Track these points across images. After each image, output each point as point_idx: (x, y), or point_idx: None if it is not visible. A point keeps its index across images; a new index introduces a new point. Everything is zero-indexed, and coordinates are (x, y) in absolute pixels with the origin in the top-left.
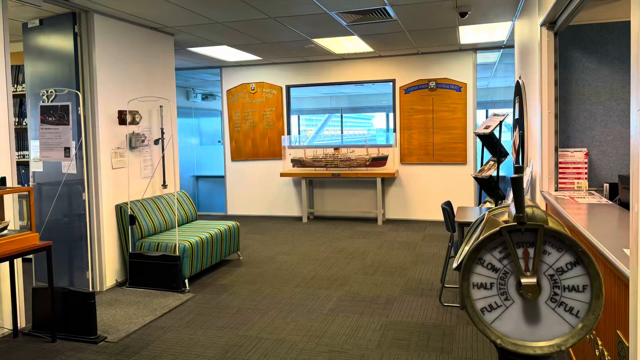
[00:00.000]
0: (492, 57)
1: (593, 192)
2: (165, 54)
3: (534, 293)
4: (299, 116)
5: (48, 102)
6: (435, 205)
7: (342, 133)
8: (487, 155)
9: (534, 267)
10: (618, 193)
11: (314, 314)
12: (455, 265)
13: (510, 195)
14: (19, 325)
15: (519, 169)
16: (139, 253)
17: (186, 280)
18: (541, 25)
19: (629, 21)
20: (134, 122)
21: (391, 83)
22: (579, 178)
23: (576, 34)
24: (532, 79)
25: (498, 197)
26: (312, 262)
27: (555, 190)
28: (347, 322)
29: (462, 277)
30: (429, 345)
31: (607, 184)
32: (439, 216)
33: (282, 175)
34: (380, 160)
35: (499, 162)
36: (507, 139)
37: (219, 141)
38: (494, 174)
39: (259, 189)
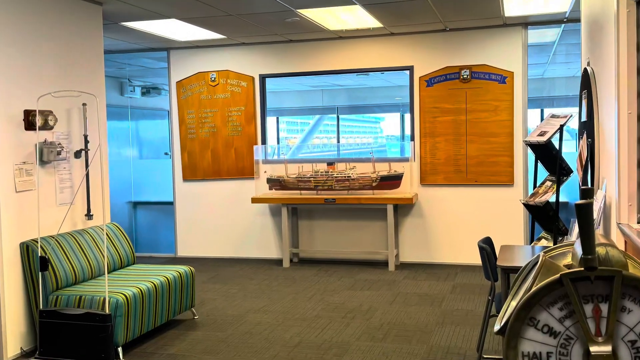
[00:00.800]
0: (550, 35)
1: None
2: (90, 31)
3: None
4: (278, 118)
5: None
6: (468, 244)
7: (338, 142)
8: (543, 172)
9: (609, 330)
10: None
11: None
12: (497, 327)
13: (575, 230)
14: None
15: (587, 193)
16: (54, 311)
17: (120, 349)
18: None
19: None
20: (46, 126)
21: (407, 72)
22: None
23: None
24: (606, 66)
25: (558, 232)
26: (297, 324)
27: (638, 223)
28: None
29: (508, 345)
30: None
31: None
32: (475, 259)
33: (254, 201)
34: (392, 180)
35: (559, 182)
36: (571, 150)
37: (166, 153)
38: (552, 199)
39: (223, 221)
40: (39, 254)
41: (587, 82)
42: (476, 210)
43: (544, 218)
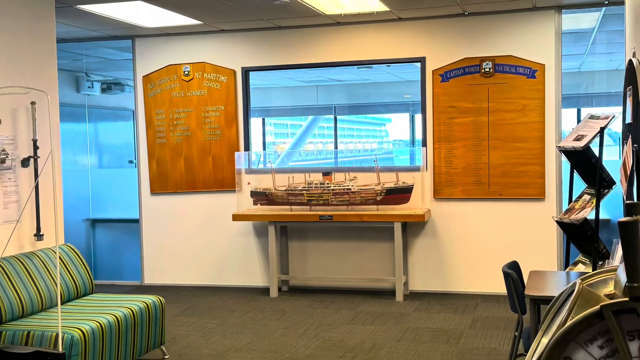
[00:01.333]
0: (588, 20)
1: None
2: (40, 15)
3: None
4: (264, 119)
5: None
6: (491, 269)
7: (336, 148)
8: (580, 184)
9: None
10: None
11: None
12: None
13: (619, 252)
14: None
15: (633, 208)
16: None
17: None
18: None
19: None
20: None
21: (419, 64)
22: None
23: None
24: None
25: (598, 255)
26: None
27: None
28: None
29: None
30: None
31: None
32: (499, 287)
33: (236, 218)
34: (401, 194)
35: (599, 196)
36: (613, 158)
37: (131, 161)
38: (591, 215)
39: (198, 242)
40: None
41: (632, 77)
42: (500, 230)
43: (581, 238)
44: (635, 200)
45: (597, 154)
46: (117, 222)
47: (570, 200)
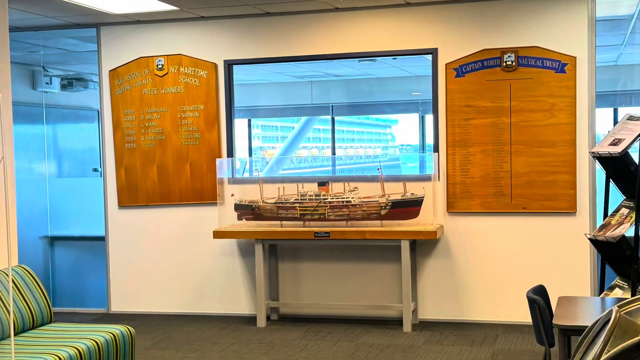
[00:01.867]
0: (626, 5)
1: None
2: None
3: None
4: (250, 121)
5: None
6: (514, 294)
7: (333, 154)
8: (617, 196)
9: None
10: None
11: None
12: None
13: None
14: None
15: None
16: None
17: None
18: None
19: None
20: None
21: (430, 56)
22: None
23: None
24: None
25: (637, 278)
26: None
27: None
28: None
29: None
30: None
31: None
32: (522, 315)
33: (217, 235)
34: (409, 207)
35: (639, 209)
36: None
37: (95, 169)
38: (630, 232)
39: (174, 263)
40: None
41: None
42: (524, 249)
43: (619, 259)
44: None
45: (636, 160)
46: (79, 240)
47: (605, 215)
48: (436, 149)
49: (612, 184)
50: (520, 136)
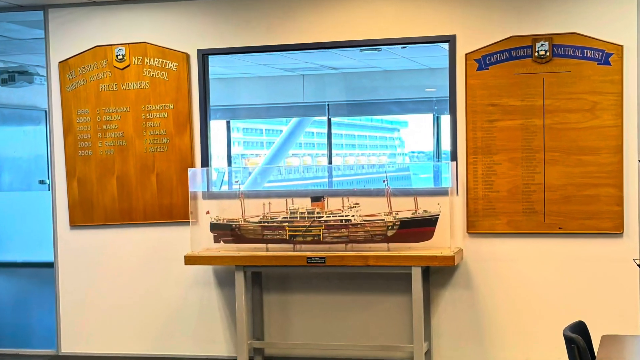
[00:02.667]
0: None
1: None
2: None
3: None
4: (229, 123)
5: None
6: (548, 332)
7: (330, 163)
8: None
9: None
10: None
11: None
12: None
13: None
14: None
15: None
16: None
17: None
18: None
19: None
20: None
21: (446, 45)
22: None
23: None
24: None
25: None
26: None
27: None
28: None
29: None
30: None
31: None
32: (558, 357)
33: (190, 261)
34: (421, 227)
35: None
36: None
37: (42, 182)
38: None
39: (137, 295)
40: None
41: None
42: (561, 277)
43: None
44: None
45: None
46: (22, 267)
47: None
48: (454, 156)
49: None
50: (556, 141)
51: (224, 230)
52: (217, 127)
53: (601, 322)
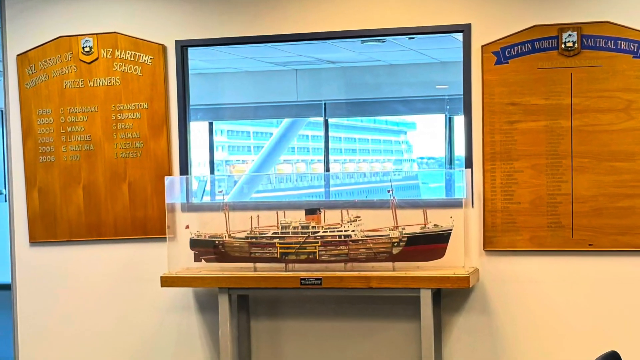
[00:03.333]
0: None
1: None
2: None
3: None
4: (211, 124)
5: None
6: None
7: (327, 170)
8: None
9: None
10: None
11: None
12: None
13: None
14: None
15: None
16: None
17: None
18: None
19: None
20: None
21: (459, 36)
22: None
23: None
24: None
25: None
26: None
27: None
28: None
29: None
30: None
31: None
32: None
33: (167, 283)
34: (431, 244)
35: None
36: None
37: None
38: None
39: (106, 322)
40: None
41: None
42: (591, 301)
43: None
44: None
45: None
46: None
47: None
48: (469, 163)
49: None
50: (585, 146)
51: (205, 248)
52: (198, 130)
53: (637, 352)
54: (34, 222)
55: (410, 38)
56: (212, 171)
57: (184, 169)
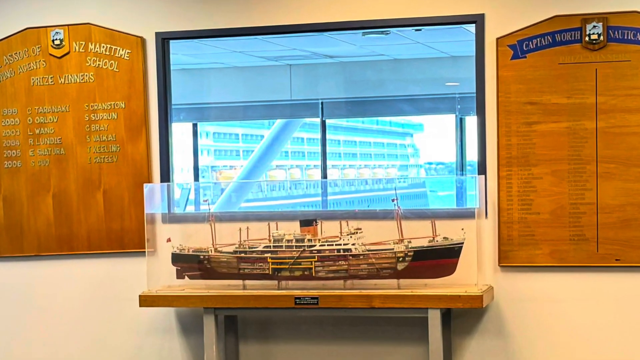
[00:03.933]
0: None
1: None
2: None
3: None
4: (196, 126)
5: None
6: None
7: (324, 176)
8: None
9: None
10: None
11: None
12: None
13: None
14: None
15: None
16: None
17: None
18: None
19: None
20: None
21: (472, 27)
22: None
23: None
24: None
25: None
26: None
27: None
28: None
29: None
30: None
31: None
32: None
33: (146, 302)
34: (440, 259)
35: None
36: None
37: None
38: None
39: (79, 345)
40: None
41: None
42: (617, 321)
43: None
44: None
45: None
46: None
47: None
48: (482, 169)
49: None
50: (612, 149)
51: (189, 263)
52: (180, 132)
53: None
54: None
55: (417, 30)
56: (196, 178)
57: (165, 176)
